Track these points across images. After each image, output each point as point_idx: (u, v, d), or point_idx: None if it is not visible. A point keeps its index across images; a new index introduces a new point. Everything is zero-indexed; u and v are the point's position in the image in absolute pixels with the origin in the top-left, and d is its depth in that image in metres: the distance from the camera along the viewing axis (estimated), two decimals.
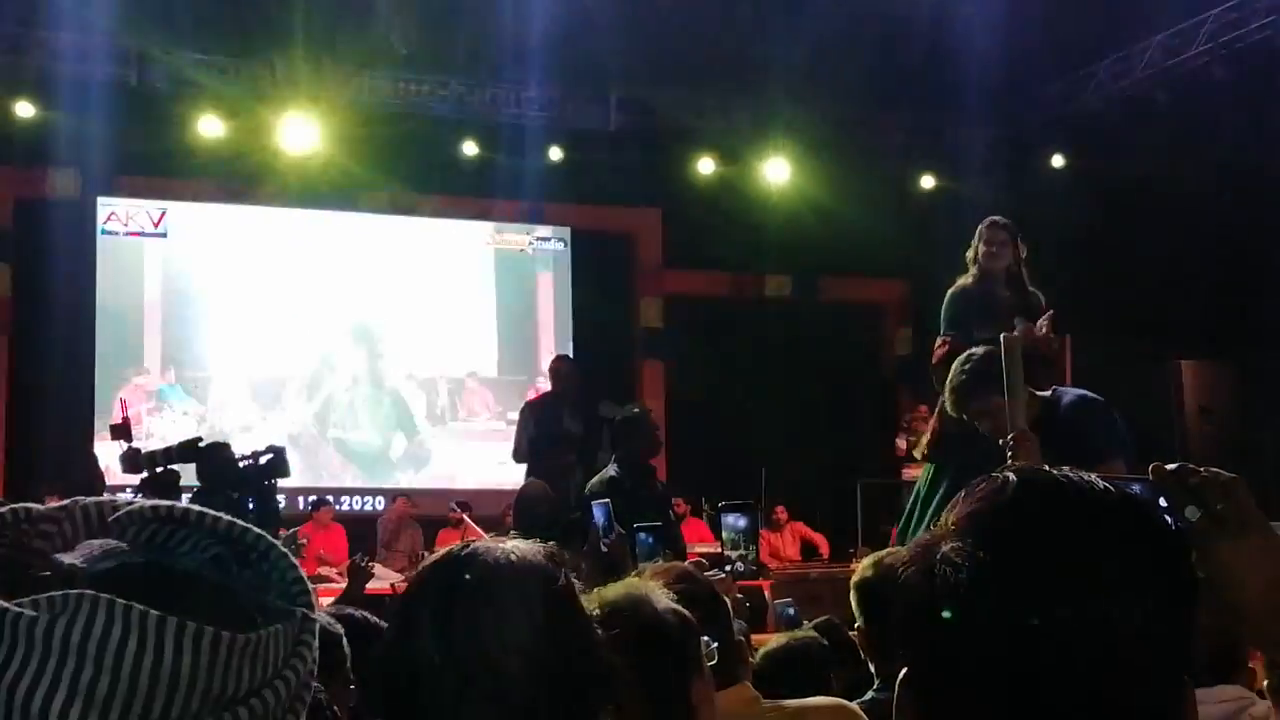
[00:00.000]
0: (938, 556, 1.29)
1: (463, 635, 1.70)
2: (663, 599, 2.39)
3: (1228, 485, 1.47)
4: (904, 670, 1.34)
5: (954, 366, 5.78)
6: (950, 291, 7.52)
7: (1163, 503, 1.47)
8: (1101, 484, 1.32)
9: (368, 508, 14.67)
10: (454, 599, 1.74)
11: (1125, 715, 1.24)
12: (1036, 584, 1.24)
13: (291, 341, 15.26)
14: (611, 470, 9.51)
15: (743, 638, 3.82)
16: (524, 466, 10.71)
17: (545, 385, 15.53)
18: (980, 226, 7.64)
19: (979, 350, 5.80)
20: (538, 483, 10.05)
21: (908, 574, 1.33)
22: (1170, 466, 1.49)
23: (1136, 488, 1.46)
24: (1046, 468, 1.34)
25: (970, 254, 7.59)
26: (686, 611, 2.41)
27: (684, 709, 1.93)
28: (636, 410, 9.84)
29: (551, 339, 16.14)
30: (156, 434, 14.06)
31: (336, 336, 15.43)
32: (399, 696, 1.73)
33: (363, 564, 8.05)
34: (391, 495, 14.54)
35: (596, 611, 2.04)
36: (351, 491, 14.91)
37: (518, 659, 1.68)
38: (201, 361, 15.00)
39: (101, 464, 12.81)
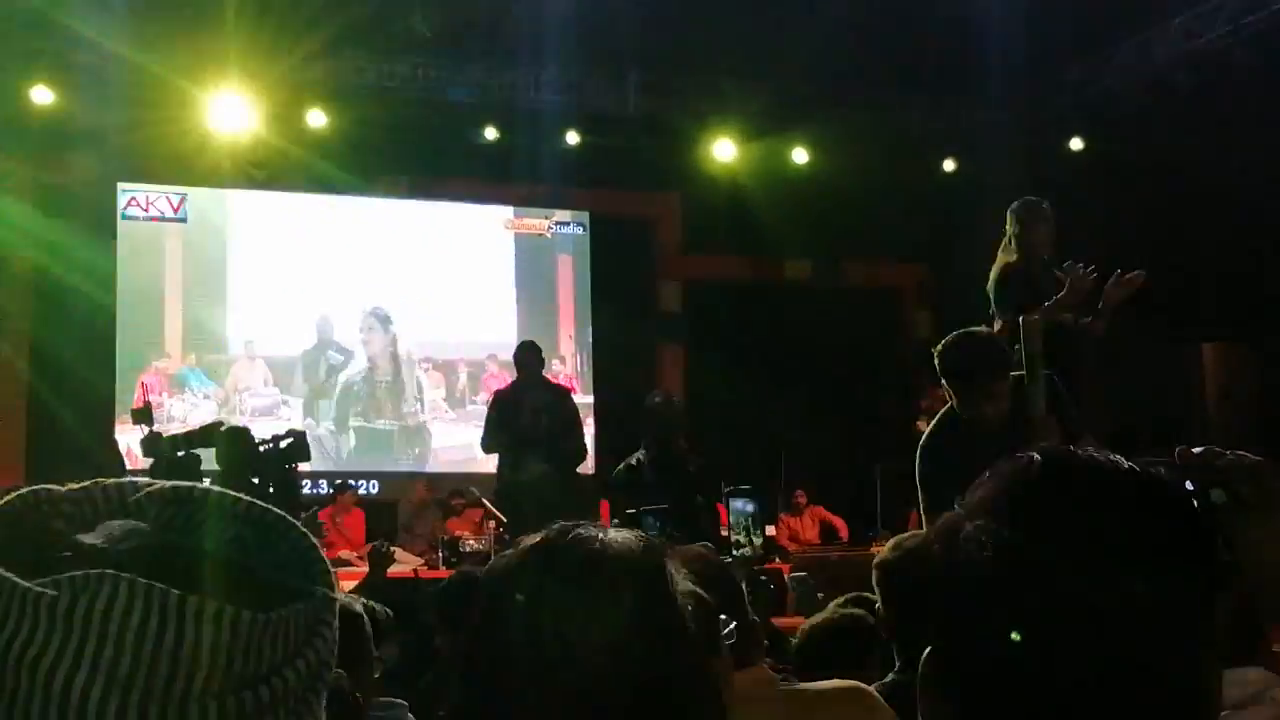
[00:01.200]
0: (961, 536, 1.29)
1: (551, 626, 1.68)
2: (679, 579, 2.39)
3: (1254, 468, 1.48)
4: (927, 650, 1.34)
5: (952, 345, 5.76)
6: (999, 271, 7.48)
7: (1188, 485, 1.47)
8: (1127, 464, 1.32)
9: (385, 494, 14.66)
10: (546, 586, 1.71)
11: (1152, 694, 1.23)
12: (1062, 562, 1.23)
13: (312, 325, 15.33)
14: (635, 456, 9.56)
15: (758, 619, 3.83)
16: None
17: (562, 370, 15.68)
18: (1018, 208, 7.61)
19: (980, 331, 5.78)
20: (547, 469, 10.10)
21: (932, 553, 1.33)
22: (1196, 449, 1.49)
23: (1161, 471, 1.45)
24: (1071, 448, 1.34)
25: (1012, 235, 7.56)
26: (703, 592, 2.41)
27: (710, 689, 1.92)
28: (657, 399, 9.89)
29: (571, 323, 16.20)
30: (178, 417, 14.20)
31: (357, 320, 15.48)
32: (479, 683, 1.71)
33: (384, 549, 8.08)
34: (410, 479, 14.57)
35: None
36: (370, 475, 14.93)
37: (603, 654, 1.66)
38: (222, 344, 15.05)
39: (123, 448, 12.92)
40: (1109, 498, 1.28)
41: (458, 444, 15.44)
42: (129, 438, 12.23)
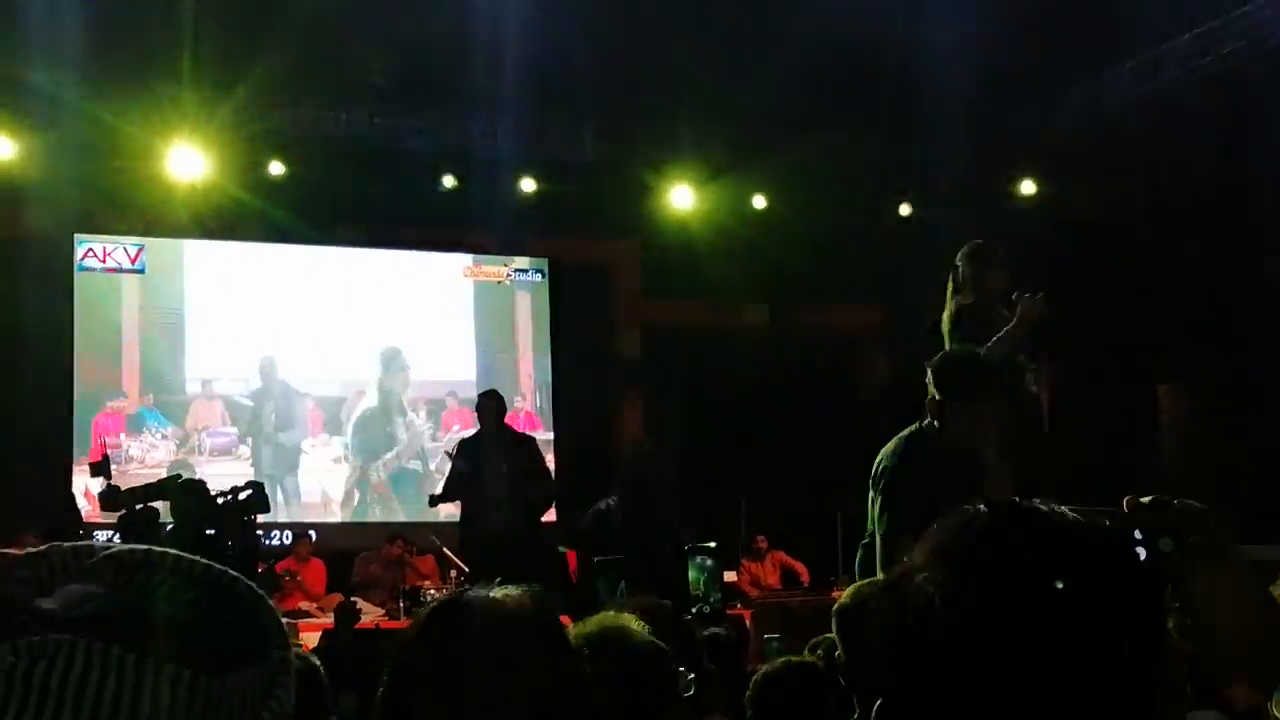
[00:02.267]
0: (911, 588, 1.31)
1: (460, 685, 1.70)
2: (639, 632, 2.40)
3: (1200, 516, 1.49)
4: (879, 702, 1.35)
5: (956, 362, 5.73)
6: (953, 312, 7.48)
7: (1137, 534, 1.48)
8: (1071, 516, 1.34)
9: (346, 544, 14.56)
10: (450, 649, 1.73)
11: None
12: (1009, 614, 1.25)
13: (271, 368, 15.29)
14: (605, 502, 9.56)
15: (712, 667, 3.83)
16: None
17: (523, 406, 15.70)
18: (971, 251, 7.61)
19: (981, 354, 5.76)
20: (512, 518, 10.08)
21: (881, 605, 1.35)
22: (1144, 499, 1.51)
23: (1109, 521, 1.47)
24: (1017, 500, 1.36)
25: (966, 277, 7.55)
26: (661, 643, 2.42)
27: None
28: (631, 447, 9.91)
29: (530, 361, 16.21)
30: (136, 457, 14.21)
31: (318, 363, 15.45)
32: None
33: (351, 607, 8.04)
34: (381, 528, 14.51)
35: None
36: (330, 528, 14.86)
37: (515, 706, 1.68)
38: (179, 386, 15.01)
39: (80, 489, 12.89)
40: (1054, 550, 1.29)
41: (422, 481, 15.45)
42: (86, 479, 12.22)
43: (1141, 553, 1.48)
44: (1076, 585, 1.27)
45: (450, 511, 12.15)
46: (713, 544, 9.42)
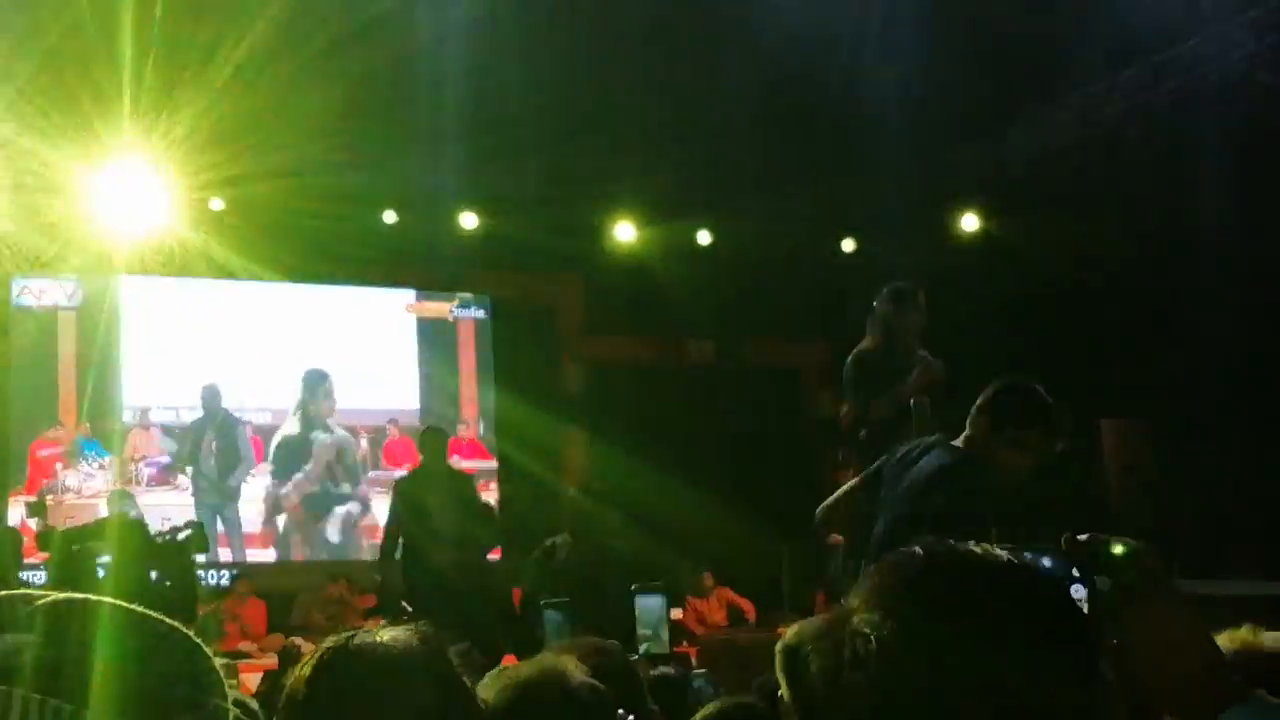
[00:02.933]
0: (848, 629, 1.31)
1: None
2: (577, 674, 2.38)
3: (1138, 555, 1.51)
4: None
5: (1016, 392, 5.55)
6: (855, 355, 7.55)
7: (1075, 572, 1.50)
8: (1006, 559, 1.35)
9: (288, 583, 14.48)
10: (344, 700, 1.73)
11: None
12: (943, 655, 1.25)
13: (213, 396, 15.28)
14: (552, 540, 9.52)
15: (655, 708, 3.80)
16: None
17: (466, 433, 15.73)
18: (888, 293, 7.67)
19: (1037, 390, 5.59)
20: (456, 555, 10.03)
21: (819, 646, 1.35)
22: (1081, 537, 1.54)
23: (1048, 559, 1.49)
24: (953, 543, 1.36)
25: (879, 317, 7.61)
26: (600, 685, 2.40)
27: None
28: (577, 489, 9.89)
29: (474, 396, 16.23)
30: (73, 488, 14.15)
31: (259, 393, 15.42)
32: None
33: (293, 650, 7.98)
34: (320, 570, 14.46)
35: (512, 689, 2.05)
36: (270, 567, 14.80)
37: None
38: (116, 415, 14.93)
39: (15, 521, 12.83)
40: (987, 592, 1.31)
41: (370, 510, 15.47)
42: (21, 512, 12.16)
43: (1079, 590, 1.49)
44: (1009, 626, 1.28)
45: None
46: (660, 582, 9.41)
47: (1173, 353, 12.78)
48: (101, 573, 6.32)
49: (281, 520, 15.33)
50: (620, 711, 2.43)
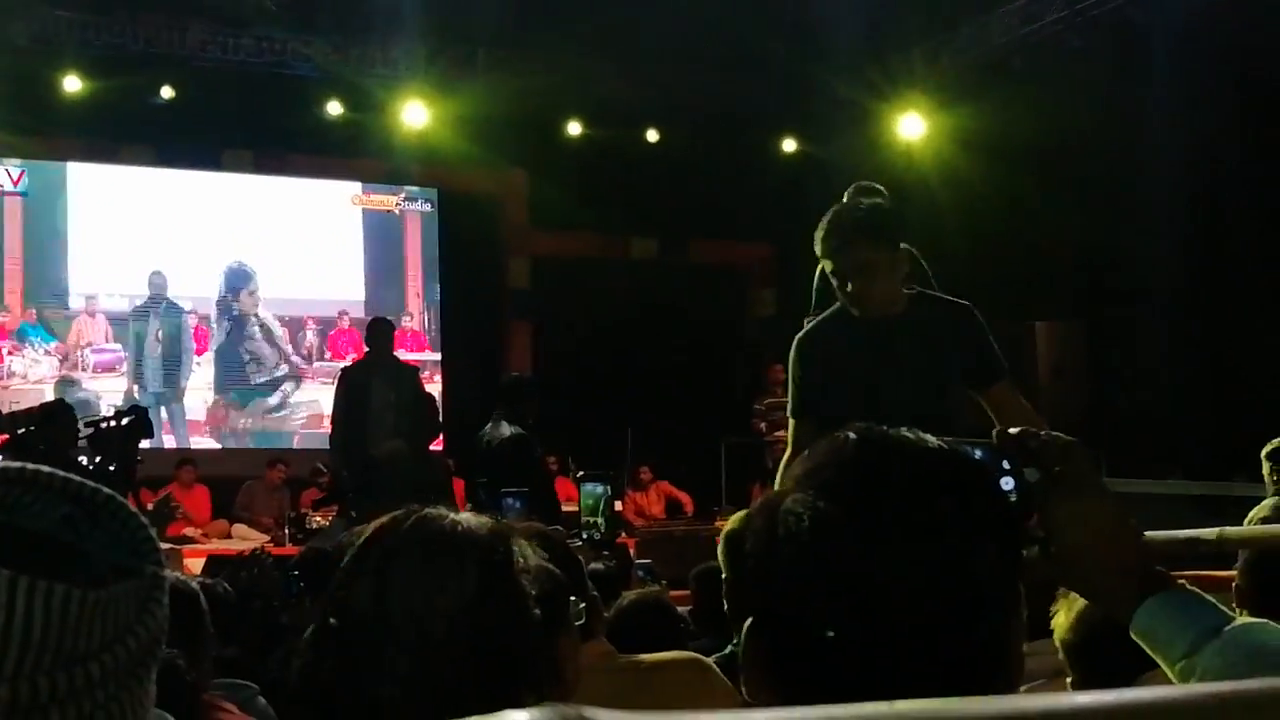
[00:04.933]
0: (781, 509, 1.35)
1: (398, 597, 1.73)
2: (533, 557, 2.43)
3: (1066, 448, 1.54)
4: (749, 621, 1.39)
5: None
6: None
7: (1005, 464, 1.53)
8: (935, 443, 1.40)
9: (229, 469, 14.43)
10: (394, 561, 1.76)
11: (960, 652, 1.30)
12: (873, 532, 1.30)
13: (160, 282, 15.18)
14: (486, 428, 9.53)
15: (596, 594, 3.88)
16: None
17: (410, 325, 15.70)
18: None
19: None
20: (399, 443, 10.02)
21: (752, 525, 1.39)
22: (1012, 430, 1.55)
23: (979, 451, 1.53)
24: (885, 429, 1.41)
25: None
26: (555, 570, 2.45)
27: (551, 664, 1.97)
28: (515, 375, 9.88)
29: (420, 289, 16.18)
30: (18, 373, 14.07)
31: (202, 284, 15.35)
32: (330, 652, 1.75)
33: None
34: (259, 458, 14.43)
35: None
36: (212, 453, 14.78)
37: (445, 624, 1.71)
38: (63, 301, 14.84)
39: None
40: (918, 473, 1.35)
41: (305, 400, 15.43)
42: None
43: (1008, 482, 1.53)
44: (938, 506, 1.33)
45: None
46: (608, 471, 9.47)
47: (1109, 256, 12.87)
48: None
49: (220, 409, 15.28)
50: (572, 599, 2.48)
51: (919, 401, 4.55)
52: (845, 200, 6.75)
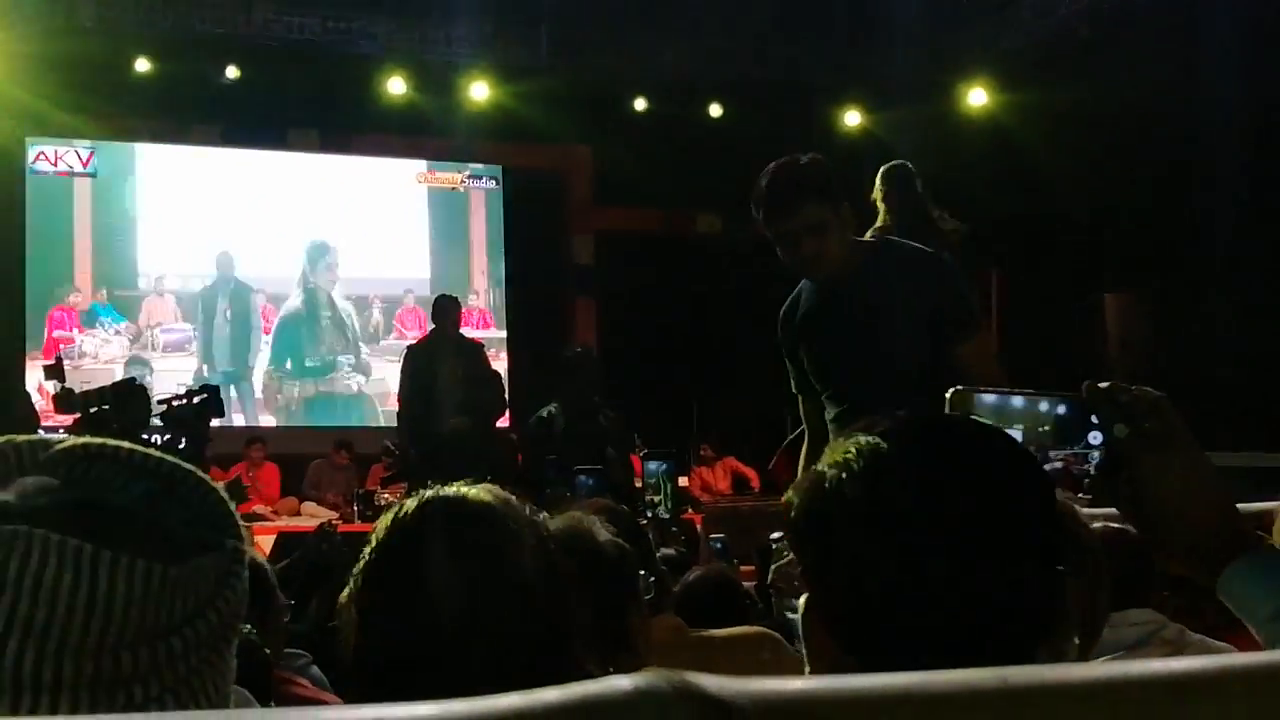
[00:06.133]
0: (825, 485, 1.37)
1: (417, 571, 1.74)
2: (603, 531, 2.44)
3: (1155, 403, 1.52)
4: (805, 596, 1.40)
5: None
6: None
7: (1094, 419, 1.52)
8: (974, 423, 1.45)
9: (299, 448, 14.53)
10: (411, 538, 1.78)
11: (1009, 620, 1.31)
12: (920, 507, 1.32)
13: (227, 263, 15.31)
14: (547, 408, 9.55)
15: (665, 569, 3.89)
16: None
17: (476, 304, 15.74)
18: (891, 171, 7.54)
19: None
20: (465, 420, 10.05)
21: (799, 486, 1.41)
22: (1102, 385, 1.53)
23: (1063, 407, 1.52)
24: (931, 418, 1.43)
25: (880, 196, 7.48)
26: (625, 544, 2.46)
27: (624, 638, 1.98)
28: (575, 351, 9.88)
29: (485, 267, 16.22)
30: (89, 353, 14.23)
31: (271, 263, 15.43)
32: (372, 631, 1.77)
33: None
34: (325, 433, 14.52)
35: None
36: (284, 432, 14.87)
37: (463, 596, 1.72)
38: (132, 282, 14.99)
39: (33, 385, 12.88)
40: (961, 455, 1.38)
41: (373, 379, 15.51)
42: (40, 376, 12.24)
43: (1096, 437, 1.51)
44: (979, 483, 1.35)
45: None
46: (671, 449, 9.48)
47: (1178, 227, 12.74)
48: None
49: (291, 388, 15.38)
50: (642, 572, 2.49)
51: (907, 356, 4.37)
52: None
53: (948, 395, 1.59)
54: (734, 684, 0.80)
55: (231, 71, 14.06)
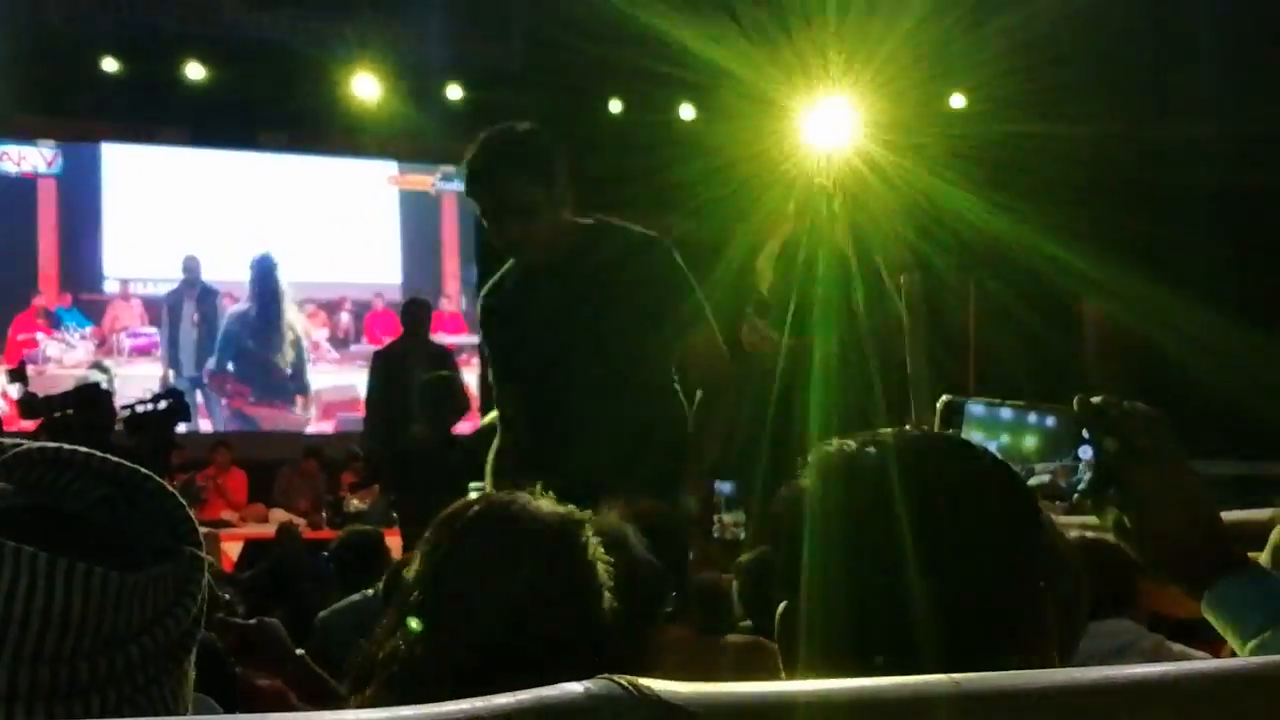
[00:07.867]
0: (802, 493, 1.39)
1: (460, 576, 1.77)
2: (638, 545, 2.40)
3: (1147, 419, 1.52)
4: (782, 605, 1.40)
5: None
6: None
7: (1084, 434, 1.51)
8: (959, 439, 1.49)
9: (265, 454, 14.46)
10: (460, 543, 1.80)
11: (986, 632, 1.32)
12: (896, 518, 1.31)
13: (194, 266, 15.23)
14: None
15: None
16: None
17: (448, 307, 15.71)
18: None
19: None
20: (423, 429, 9.98)
21: (779, 513, 1.43)
22: (1094, 399, 1.53)
23: (1051, 419, 1.51)
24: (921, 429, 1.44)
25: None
26: (656, 562, 2.43)
27: (635, 652, 1.98)
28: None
29: (456, 270, 16.20)
30: (54, 357, 14.15)
31: (237, 266, 15.39)
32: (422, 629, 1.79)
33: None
34: (293, 438, 14.50)
35: None
36: (253, 438, 14.81)
37: (503, 606, 1.74)
38: (98, 284, 14.93)
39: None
40: (952, 473, 1.38)
41: (341, 384, 15.46)
42: (3, 383, 12.17)
43: (1086, 451, 1.52)
44: (957, 495, 1.35)
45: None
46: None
47: (1156, 234, 12.79)
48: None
49: (248, 391, 15.34)
50: (673, 594, 2.48)
51: (603, 351, 4.13)
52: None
53: (937, 406, 1.59)
54: (687, 688, 0.82)
55: (200, 71, 14.00)
